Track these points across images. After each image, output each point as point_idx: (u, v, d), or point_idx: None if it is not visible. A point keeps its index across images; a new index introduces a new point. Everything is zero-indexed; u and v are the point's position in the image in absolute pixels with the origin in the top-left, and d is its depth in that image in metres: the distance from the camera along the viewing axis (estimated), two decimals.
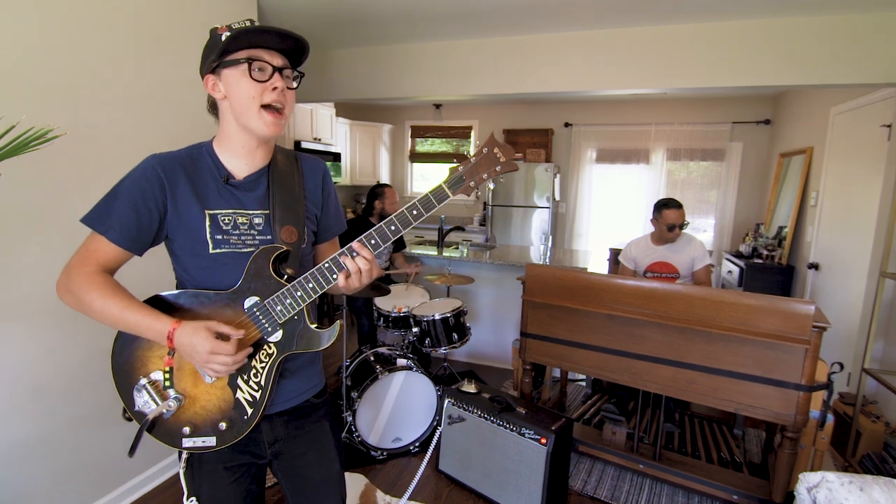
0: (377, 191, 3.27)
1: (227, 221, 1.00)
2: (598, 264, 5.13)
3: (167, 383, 0.99)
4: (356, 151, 5.96)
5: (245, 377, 1.00)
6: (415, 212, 0.99)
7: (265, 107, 0.97)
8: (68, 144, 1.42)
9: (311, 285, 0.99)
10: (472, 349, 3.92)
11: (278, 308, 0.99)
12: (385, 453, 2.52)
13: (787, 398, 1.89)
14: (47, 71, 1.67)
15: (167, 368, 0.98)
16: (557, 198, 5.50)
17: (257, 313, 1.00)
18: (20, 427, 1.69)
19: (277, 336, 1.01)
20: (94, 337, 1.69)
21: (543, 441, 2.03)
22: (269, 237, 1.03)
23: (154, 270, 1.31)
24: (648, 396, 2.53)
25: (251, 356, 1.00)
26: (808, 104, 3.99)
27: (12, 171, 1.53)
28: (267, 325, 1.00)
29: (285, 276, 1.01)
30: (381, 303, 2.94)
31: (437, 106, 6.10)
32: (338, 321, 1.04)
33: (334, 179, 5.50)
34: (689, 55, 2.97)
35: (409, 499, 2.21)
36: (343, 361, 2.63)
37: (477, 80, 3.44)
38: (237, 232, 1.01)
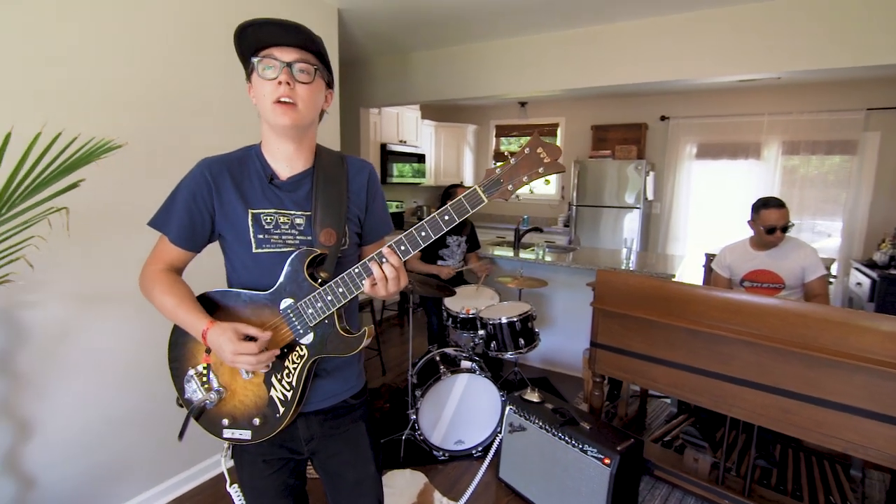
0: (451, 191, 3.29)
1: (269, 221, 1.05)
2: (691, 272, 4.70)
3: (211, 376, 1.07)
4: (440, 152, 6.05)
5: (279, 376, 1.05)
6: (447, 217, 0.96)
7: (277, 101, 0.97)
8: (168, 151, 1.60)
9: (340, 290, 1.00)
10: (547, 356, 3.79)
11: (310, 311, 1.02)
12: (447, 454, 2.52)
13: None
14: (121, 88, 1.90)
15: (205, 364, 1.06)
16: (650, 197, 5.11)
17: (291, 315, 1.03)
18: (127, 400, 1.95)
19: (309, 338, 1.04)
20: None
21: (607, 461, 1.89)
22: (309, 238, 1.06)
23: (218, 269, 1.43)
24: (740, 422, 2.25)
25: (284, 357, 1.04)
26: None
27: (116, 175, 1.76)
28: (299, 328, 1.04)
29: (319, 280, 1.03)
30: (451, 303, 2.95)
31: (523, 104, 5.98)
32: (365, 328, 1.05)
33: (418, 181, 5.69)
34: (807, 31, 2.56)
35: None
36: (409, 360, 2.68)
37: (560, 74, 3.30)
38: (278, 231, 1.05)
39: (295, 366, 1.05)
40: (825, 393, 1.72)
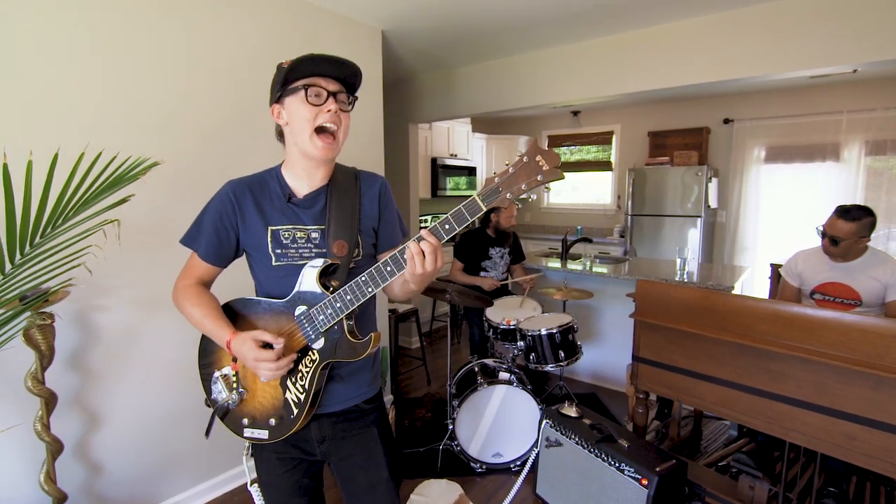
0: None
1: (286, 236, 1.13)
2: (758, 285, 4.38)
3: (234, 378, 1.15)
4: (492, 165, 6.07)
5: (293, 379, 1.11)
6: (447, 226, 0.98)
7: (318, 130, 1.06)
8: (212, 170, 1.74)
9: (348, 297, 1.05)
10: (597, 370, 3.65)
11: (321, 318, 1.08)
12: (484, 467, 2.50)
13: None
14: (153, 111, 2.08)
15: (234, 371, 1.14)
16: (713, 205, 4.82)
17: (304, 321, 1.10)
18: (182, 399, 2.12)
19: (320, 343, 1.10)
20: None
21: (644, 482, 1.80)
22: (323, 250, 1.12)
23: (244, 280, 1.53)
24: (802, 448, 2.05)
25: (298, 361, 1.10)
26: None
27: (173, 193, 1.93)
28: (311, 333, 1.09)
29: (331, 288, 1.09)
30: (492, 314, 2.94)
31: (575, 113, 5.88)
32: (371, 333, 1.09)
33: (469, 193, 5.73)
34: (892, 17, 2.31)
35: None
36: (448, 370, 2.69)
37: (612, 79, 3.17)
38: (295, 246, 1.13)
39: (308, 369, 1.11)
40: (894, 418, 1.53)
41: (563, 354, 2.60)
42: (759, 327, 1.80)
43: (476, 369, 2.65)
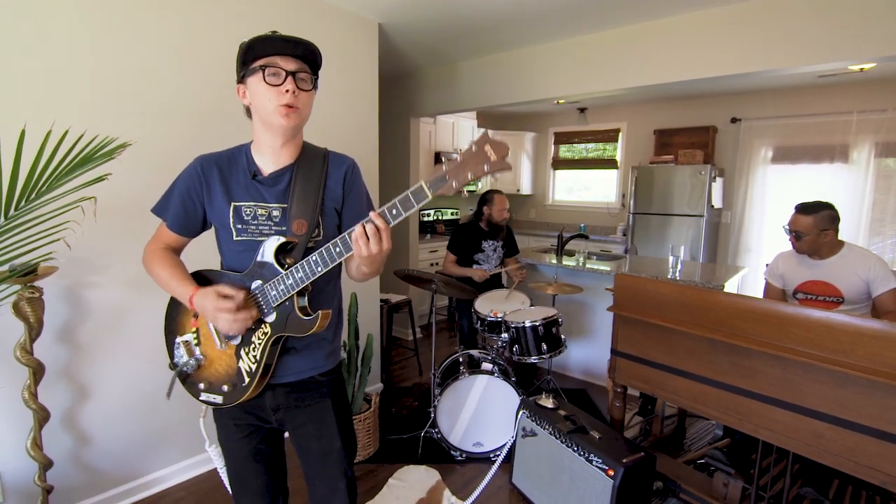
0: (486, 196, 3.31)
1: (248, 213, 1.17)
2: (759, 285, 4.32)
3: (195, 342, 1.21)
4: None
5: (246, 350, 1.16)
6: (394, 211, 1.01)
7: (284, 105, 1.08)
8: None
9: (299, 275, 1.09)
10: (588, 366, 3.65)
11: (273, 293, 1.12)
12: (464, 455, 2.53)
13: None
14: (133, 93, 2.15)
15: (194, 329, 1.20)
16: (717, 205, 4.75)
17: (258, 295, 1.14)
18: (166, 376, 2.19)
19: (272, 317, 1.14)
20: None
21: (610, 473, 1.81)
22: (283, 228, 1.16)
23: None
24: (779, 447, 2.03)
25: (252, 331, 1.15)
26: None
27: (161, 176, 2.00)
28: (264, 307, 1.14)
29: (285, 265, 1.13)
30: (480, 306, 2.96)
31: (582, 110, 5.84)
32: (320, 311, 1.13)
33: (473, 188, 5.74)
34: None
35: None
36: (432, 360, 2.73)
37: (617, 73, 3.11)
38: (256, 222, 1.17)
39: (260, 341, 1.15)
40: (859, 416, 1.52)
41: (546, 347, 2.61)
42: (731, 323, 1.80)
43: (461, 360, 2.68)
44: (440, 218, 5.76)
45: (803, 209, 2.26)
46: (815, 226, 2.19)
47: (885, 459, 1.47)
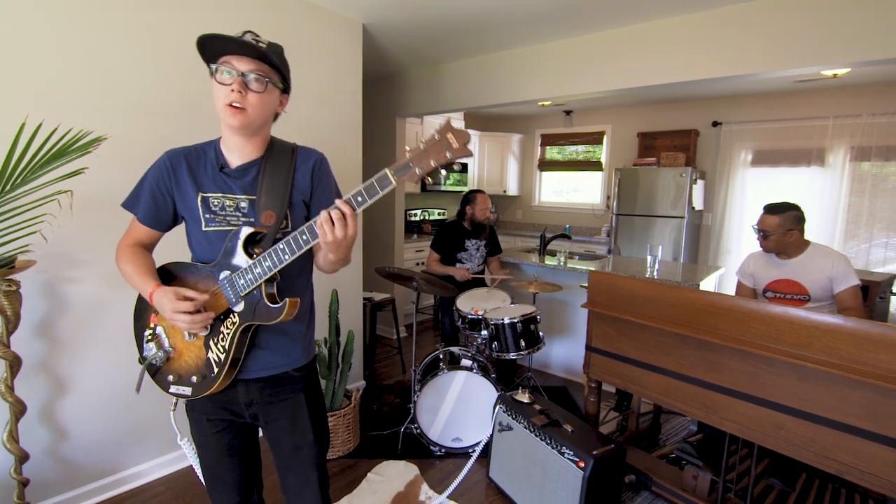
0: (469, 196, 3.35)
1: (216, 203, 1.19)
2: (730, 284, 4.40)
3: (164, 334, 1.23)
4: (484, 161, 6.12)
5: (215, 340, 1.18)
6: (360, 198, 1.03)
7: (229, 105, 1.10)
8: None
9: (267, 264, 1.12)
10: (569, 365, 3.70)
11: (241, 282, 1.15)
12: (443, 450, 2.56)
13: None
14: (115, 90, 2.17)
15: (152, 325, 1.22)
16: (698, 206, 4.84)
17: (226, 285, 1.16)
18: None
19: (240, 307, 1.16)
20: None
21: (581, 464, 1.85)
22: (251, 219, 1.19)
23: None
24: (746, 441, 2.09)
25: (220, 321, 1.17)
26: None
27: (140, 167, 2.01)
28: (232, 297, 1.16)
29: (253, 255, 1.16)
30: (461, 304, 3.00)
31: (568, 112, 5.91)
32: (287, 298, 1.15)
33: (461, 189, 5.79)
34: (884, 17, 2.26)
35: (453, 500, 2.22)
36: (412, 357, 2.76)
37: (601, 76, 3.14)
38: (224, 213, 1.20)
39: (229, 331, 1.18)
40: (818, 408, 1.58)
41: (524, 344, 2.65)
42: (697, 318, 1.85)
43: (441, 356, 2.72)
44: (427, 218, 5.80)
45: (770, 209, 2.32)
46: (781, 225, 2.26)
47: (841, 449, 1.53)
